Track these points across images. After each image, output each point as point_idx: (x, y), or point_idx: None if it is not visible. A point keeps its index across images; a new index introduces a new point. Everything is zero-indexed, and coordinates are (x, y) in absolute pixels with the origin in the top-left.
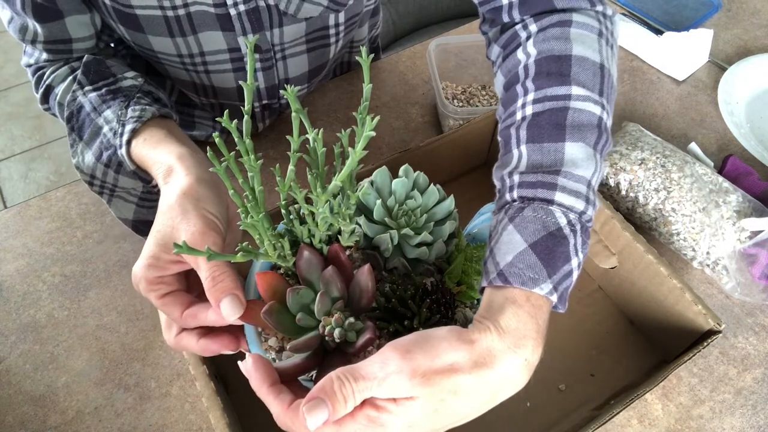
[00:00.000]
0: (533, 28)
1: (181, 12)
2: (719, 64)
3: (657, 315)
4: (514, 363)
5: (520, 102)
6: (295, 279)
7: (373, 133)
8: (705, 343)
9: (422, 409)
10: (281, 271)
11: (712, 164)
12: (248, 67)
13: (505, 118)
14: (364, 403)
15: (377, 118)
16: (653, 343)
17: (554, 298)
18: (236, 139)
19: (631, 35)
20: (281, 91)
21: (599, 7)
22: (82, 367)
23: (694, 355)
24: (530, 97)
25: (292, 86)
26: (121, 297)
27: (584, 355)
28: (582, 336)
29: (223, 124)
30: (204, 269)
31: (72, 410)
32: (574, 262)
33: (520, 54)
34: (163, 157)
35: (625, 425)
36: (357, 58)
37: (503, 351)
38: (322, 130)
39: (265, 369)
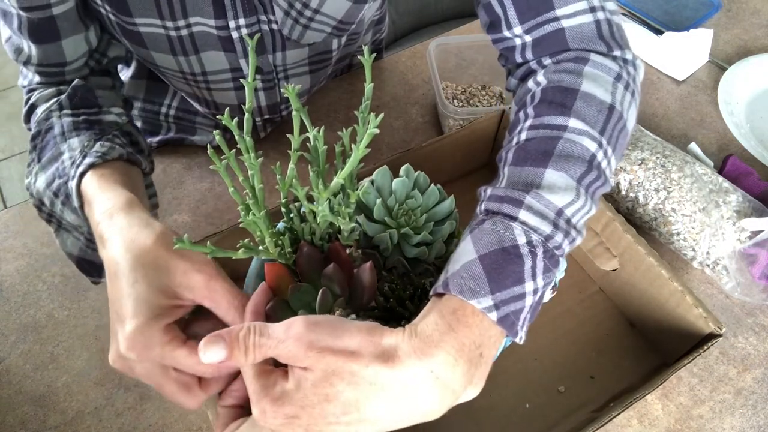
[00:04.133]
0: (548, 61)
1: (184, 32)
2: (719, 64)
3: (658, 318)
4: (417, 371)
5: (518, 128)
6: (296, 276)
7: (377, 131)
8: (705, 347)
9: (314, 389)
10: None
11: (712, 164)
12: (250, 66)
13: (506, 143)
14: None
15: (381, 115)
16: (653, 346)
17: (493, 316)
18: (237, 137)
19: (631, 35)
20: (282, 90)
21: (617, 52)
22: (82, 367)
23: (694, 359)
24: (528, 123)
25: (293, 85)
26: None
27: (584, 356)
28: (582, 338)
29: (224, 122)
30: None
31: (72, 410)
32: (529, 286)
33: (531, 83)
34: (118, 192)
35: (625, 425)
36: (360, 57)
37: (407, 354)
38: (324, 127)
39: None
